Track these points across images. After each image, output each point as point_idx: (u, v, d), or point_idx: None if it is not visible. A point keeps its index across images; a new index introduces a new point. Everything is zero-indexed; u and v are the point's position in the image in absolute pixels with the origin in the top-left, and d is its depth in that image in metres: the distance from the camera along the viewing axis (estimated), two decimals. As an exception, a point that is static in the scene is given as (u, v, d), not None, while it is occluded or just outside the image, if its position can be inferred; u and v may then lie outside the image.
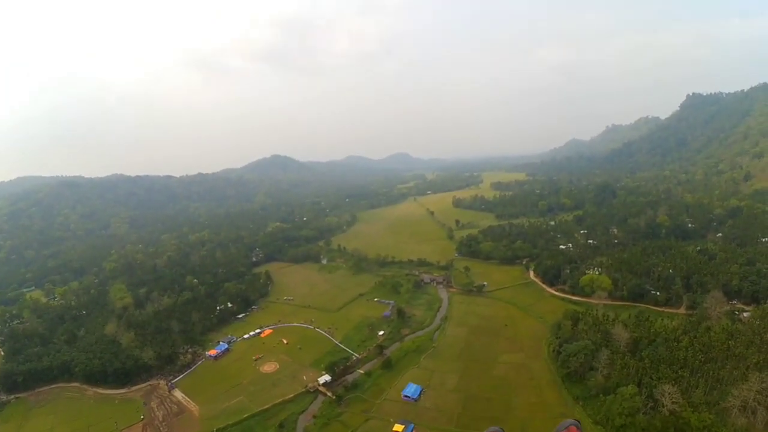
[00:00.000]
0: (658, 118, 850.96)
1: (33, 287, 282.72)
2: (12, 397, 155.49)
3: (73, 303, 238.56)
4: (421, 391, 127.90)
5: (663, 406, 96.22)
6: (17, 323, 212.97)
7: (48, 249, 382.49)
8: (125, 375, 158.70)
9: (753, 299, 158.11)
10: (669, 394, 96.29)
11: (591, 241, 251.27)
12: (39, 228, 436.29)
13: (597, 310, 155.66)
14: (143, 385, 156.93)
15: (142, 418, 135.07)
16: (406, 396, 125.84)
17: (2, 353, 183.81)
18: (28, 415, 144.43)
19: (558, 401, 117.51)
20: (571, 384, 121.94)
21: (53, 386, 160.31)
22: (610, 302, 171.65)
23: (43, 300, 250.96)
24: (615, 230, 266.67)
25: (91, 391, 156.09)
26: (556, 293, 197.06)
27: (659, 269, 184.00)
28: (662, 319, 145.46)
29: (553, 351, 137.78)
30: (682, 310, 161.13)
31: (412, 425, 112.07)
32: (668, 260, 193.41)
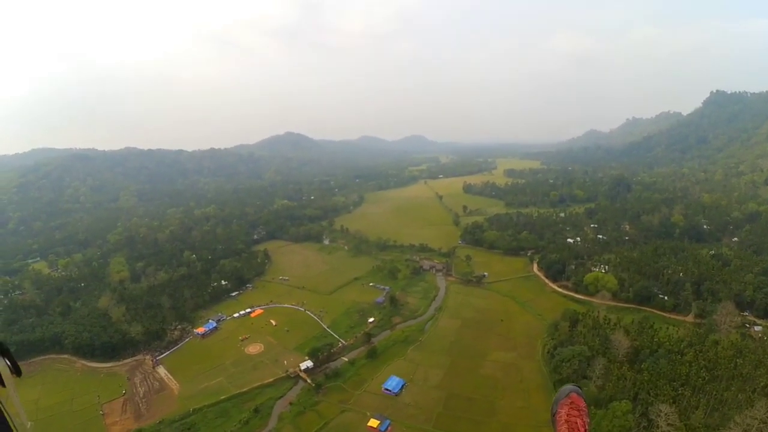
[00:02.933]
0: (679, 113, 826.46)
1: (38, 258, 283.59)
2: None
3: (74, 275, 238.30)
4: (402, 385, 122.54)
5: (657, 427, 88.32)
6: (18, 294, 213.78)
7: (56, 221, 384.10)
8: (112, 349, 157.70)
9: (766, 312, 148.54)
10: (665, 414, 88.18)
11: (600, 237, 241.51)
12: (48, 200, 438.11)
13: (598, 312, 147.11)
14: (129, 360, 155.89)
15: (124, 393, 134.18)
16: (386, 389, 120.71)
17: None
18: (18, 385, 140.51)
19: (546, 408, 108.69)
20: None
21: (44, 357, 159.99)
22: (614, 303, 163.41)
23: (46, 271, 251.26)
24: (627, 226, 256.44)
25: (80, 363, 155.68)
26: (558, 289, 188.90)
27: (669, 272, 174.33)
28: (668, 328, 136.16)
29: (548, 352, 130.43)
30: (690, 318, 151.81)
31: (388, 421, 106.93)
32: (680, 263, 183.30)
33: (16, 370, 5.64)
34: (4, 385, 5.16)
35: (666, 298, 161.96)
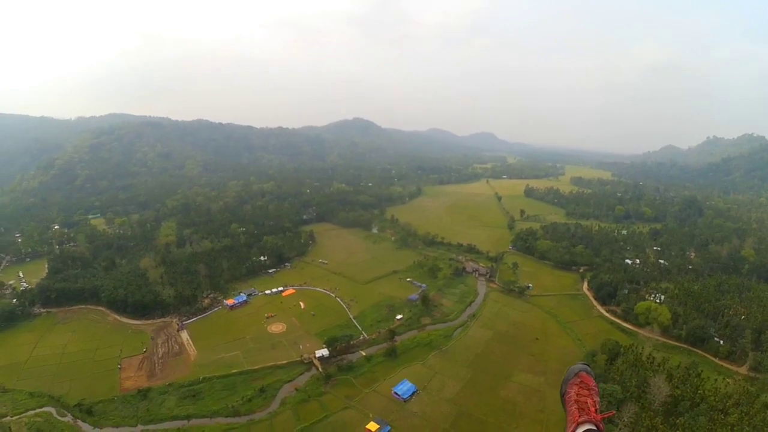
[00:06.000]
0: (763, 137, 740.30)
1: (98, 215, 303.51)
2: (44, 311, 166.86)
3: (127, 234, 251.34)
4: (413, 392, 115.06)
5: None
6: (71, 245, 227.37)
7: (121, 182, 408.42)
8: (143, 307, 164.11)
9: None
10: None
11: (662, 262, 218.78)
12: (117, 161, 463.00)
13: (643, 348, 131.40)
14: (158, 320, 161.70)
15: (144, 351, 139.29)
16: (396, 393, 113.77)
17: (47, 270, 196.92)
18: (52, 329, 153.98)
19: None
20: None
21: (82, 307, 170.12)
22: (663, 340, 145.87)
23: (102, 227, 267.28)
24: (692, 254, 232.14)
25: (112, 317, 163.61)
26: (606, 314, 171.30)
27: (730, 313, 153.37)
28: (716, 379, 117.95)
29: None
30: (743, 370, 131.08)
31: (389, 428, 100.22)
32: (743, 304, 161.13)
33: None
34: None
35: (721, 342, 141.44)
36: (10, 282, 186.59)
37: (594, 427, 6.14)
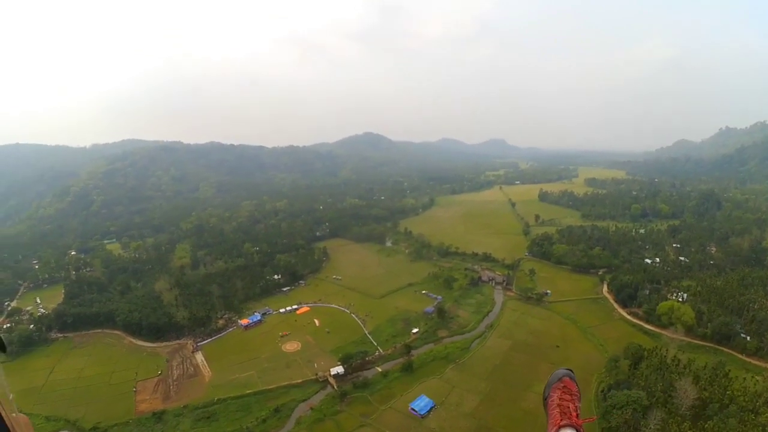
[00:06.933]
0: None
1: (114, 239, 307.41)
2: (61, 335, 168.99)
3: (142, 257, 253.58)
4: (431, 407, 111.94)
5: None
6: (87, 270, 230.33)
7: (136, 206, 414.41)
8: (158, 330, 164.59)
9: None
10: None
11: (682, 259, 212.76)
12: (132, 186, 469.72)
13: (667, 350, 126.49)
14: (173, 342, 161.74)
15: (159, 374, 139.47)
16: (413, 409, 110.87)
17: (63, 295, 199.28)
18: (69, 354, 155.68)
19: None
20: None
21: (97, 331, 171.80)
22: (688, 340, 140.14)
23: (118, 252, 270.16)
24: (713, 249, 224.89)
25: (128, 340, 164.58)
26: (628, 317, 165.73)
27: (755, 307, 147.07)
28: (745, 378, 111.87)
29: (601, 392, 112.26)
30: None
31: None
32: None
33: (1, 347, 5.55)
34: None
35: (748, 338, 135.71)
36: (28, 308, 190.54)
37: (575, 431, 6.09)
